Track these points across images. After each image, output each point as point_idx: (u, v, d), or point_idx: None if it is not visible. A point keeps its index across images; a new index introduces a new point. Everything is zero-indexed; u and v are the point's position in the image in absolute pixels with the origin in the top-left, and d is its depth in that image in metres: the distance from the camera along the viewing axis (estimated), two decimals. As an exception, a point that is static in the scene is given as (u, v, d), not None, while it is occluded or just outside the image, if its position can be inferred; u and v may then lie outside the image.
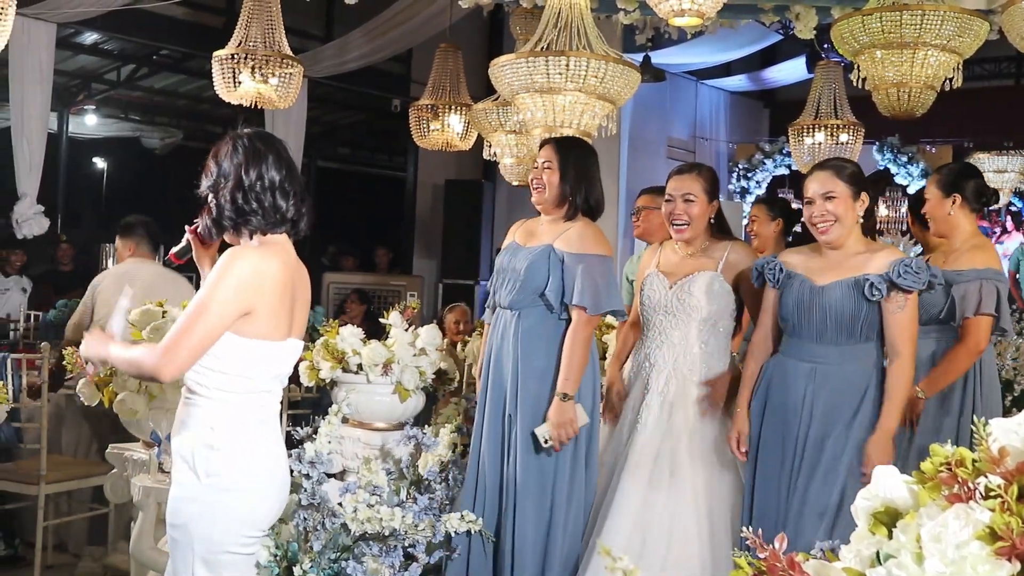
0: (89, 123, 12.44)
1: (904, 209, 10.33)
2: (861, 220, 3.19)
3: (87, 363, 2.62)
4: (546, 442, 3.39)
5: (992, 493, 1.08)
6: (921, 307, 3.44)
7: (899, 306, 3.09)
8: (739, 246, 3.65)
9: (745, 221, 11.52)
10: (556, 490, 3.47)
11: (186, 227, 2.65)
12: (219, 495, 2.47)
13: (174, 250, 2.75)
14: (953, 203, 3.81)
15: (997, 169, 11.28)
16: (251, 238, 2.50)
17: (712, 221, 3.64)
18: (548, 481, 3.46)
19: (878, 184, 9.89)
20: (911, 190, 10.55)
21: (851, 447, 3.06)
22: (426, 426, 3.99)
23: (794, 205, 5.51)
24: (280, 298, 2.44)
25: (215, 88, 5.60)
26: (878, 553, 1.16)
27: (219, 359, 2.42)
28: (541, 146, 3.66)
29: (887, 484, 1.28)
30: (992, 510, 1.07)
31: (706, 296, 3.53)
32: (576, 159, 3.56)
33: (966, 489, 1.12)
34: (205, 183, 2.49)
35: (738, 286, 3.58)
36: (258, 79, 5.40)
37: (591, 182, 3.56)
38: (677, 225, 3.59)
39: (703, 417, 3.49)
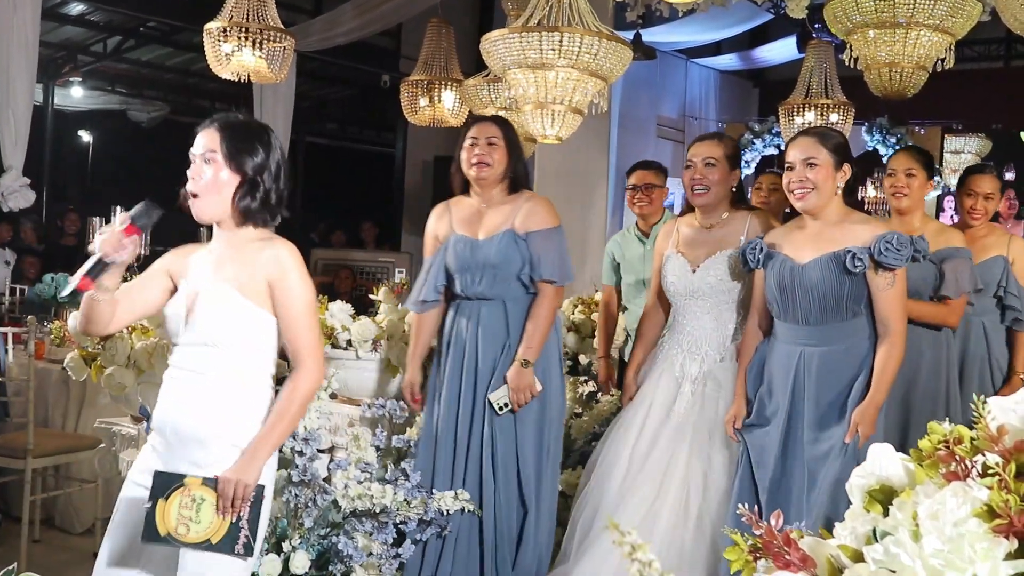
0: (75, 95, 12.33)
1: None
2: (839, 191, 3.12)
3: None
4: (503, 408, 3.44)
5: (990, 471, 1.09)
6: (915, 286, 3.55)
7: (888, 283, 3.02)
8: (758, 216, 3.58)
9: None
10: (537, 466, 3.52)
11: (125, 222, 2.31)
12: (267, 472, 2.45)
13: (89, 271, 2.30)
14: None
15: (954, 150, 11.30)
16: (263, 227, 2.50)
17: (733, 190, 3.58)
18: (531, 458, 3.51)
19: (868, 165, 9.90)
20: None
21: (851, 448, 2.97)
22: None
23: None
24: None
25: (207, 61, 5.54)
26: (874, 531, 1.17)
27: (265, 340, 2.44)
28: (473, 123, 3.66)
29: (882, 461, 1.29)
30: (990, 488, 1.07)
31: (734, 275, 3.44)
32: (515, 135, 3.65)
33: (963, 467, 1.12)
34: (251, 162, 2.42)
35: None
36: (252, 52, 5.34)
37: (523, 155, 3.68)
38: (697, 190, 3.52)
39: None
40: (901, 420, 3.66)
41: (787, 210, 4.31)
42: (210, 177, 2.40)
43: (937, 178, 9.56)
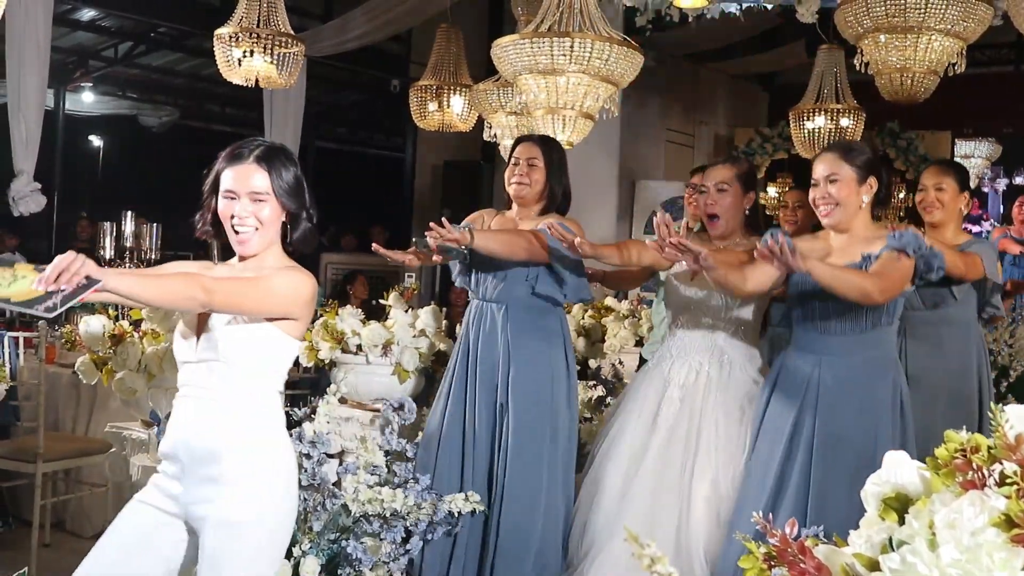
0: (86, 100, 12.37)
1: (902, 195, 10.30)
2: (865, 205, 3.11)
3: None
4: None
5: (1008, 480, 1.08)
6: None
7: (894, 257, 2.97)
8: None
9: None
10: (548, 476, 3.51)
11: None
12: (287, 487, 2.41)
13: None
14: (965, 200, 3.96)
15: (964, 155, 11.27)
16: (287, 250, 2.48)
17: (747, 213, 3.58)
18: (539, 467, 3.50)
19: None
20: (910, 176, 10.52)
21: (863, 462, 2.87)
22: (425, 408, 4.00)
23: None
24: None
25: (217, 67, 5.56)
26: (890, 539, 1.16)
27: (277, 360, 2.41)
28: (518, 143, 3.73)
29: (897, 469, 1.28)
30: (1008, 497, 1.07)
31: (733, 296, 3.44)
32: (558, 156, 3.68)
33: (980, 476, 1.11)
34: (295, 193, 2.40)
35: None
36: (262, 57, 5.36)
37: (567, 177, 3.70)
38: (711, 217, 3.54)
39: (721, 417, 3.43)
40: (929, 424, 3.63)
41: (814, 225, 4.30)
42: (264, 214, 2.38)
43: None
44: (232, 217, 2.38)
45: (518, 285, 3.57)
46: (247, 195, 2.37)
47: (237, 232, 2.39)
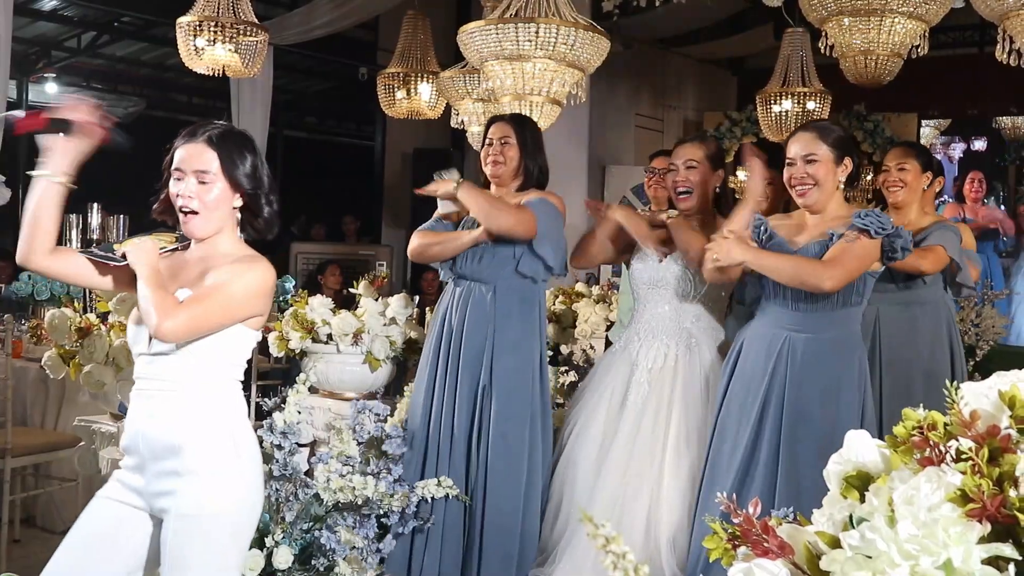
0: (50, 92, 12.21)
1: (870, 177, 10.37)
2: (841, 185, 3.14)
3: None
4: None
5: (963, 456, 1.10)
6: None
7: (851, 238, 2.98)
8: None
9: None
10: (529, 460, 3.51)
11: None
12: (250, 478, 2.38)
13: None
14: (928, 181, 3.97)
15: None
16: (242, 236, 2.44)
17: (716, 192, 3.61)
18: (521, 452, 3.50)
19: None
20: (877, 158, 10.59)
21: (827, 439, 2.85)
22: (398, 396, 4.00)
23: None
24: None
25: (180, 56, 5.52)
26: (851, 517, 1.17)
27: (234, 351, 2.37)
28: (491, 123, 3.73)
29: (859, 448, 1.29)
30: (963, 473, 1.08)
31: (699, 271, 3.45)
32: (532, 133, 3.68)
33: (937, 452, 1.13)
34: (247, 177, 2.35)
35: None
36: (224, 47, 5.32)
37: (543, 154, 3.70)
38: (680, 193, 3.57)
39: (690, 400, 3.46)
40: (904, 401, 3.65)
41: (786, 202, 4.32)
42: (208, 196, 2.32)
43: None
44: (178, 196, 2.34)
45: (506, 264, 3.56)
46: (193, 174, 2.32)
47: (183, 212, 2.34)
